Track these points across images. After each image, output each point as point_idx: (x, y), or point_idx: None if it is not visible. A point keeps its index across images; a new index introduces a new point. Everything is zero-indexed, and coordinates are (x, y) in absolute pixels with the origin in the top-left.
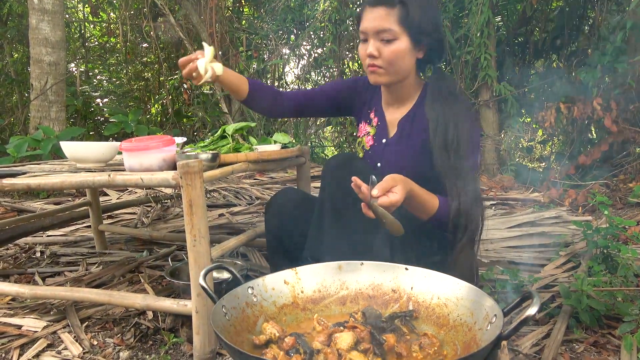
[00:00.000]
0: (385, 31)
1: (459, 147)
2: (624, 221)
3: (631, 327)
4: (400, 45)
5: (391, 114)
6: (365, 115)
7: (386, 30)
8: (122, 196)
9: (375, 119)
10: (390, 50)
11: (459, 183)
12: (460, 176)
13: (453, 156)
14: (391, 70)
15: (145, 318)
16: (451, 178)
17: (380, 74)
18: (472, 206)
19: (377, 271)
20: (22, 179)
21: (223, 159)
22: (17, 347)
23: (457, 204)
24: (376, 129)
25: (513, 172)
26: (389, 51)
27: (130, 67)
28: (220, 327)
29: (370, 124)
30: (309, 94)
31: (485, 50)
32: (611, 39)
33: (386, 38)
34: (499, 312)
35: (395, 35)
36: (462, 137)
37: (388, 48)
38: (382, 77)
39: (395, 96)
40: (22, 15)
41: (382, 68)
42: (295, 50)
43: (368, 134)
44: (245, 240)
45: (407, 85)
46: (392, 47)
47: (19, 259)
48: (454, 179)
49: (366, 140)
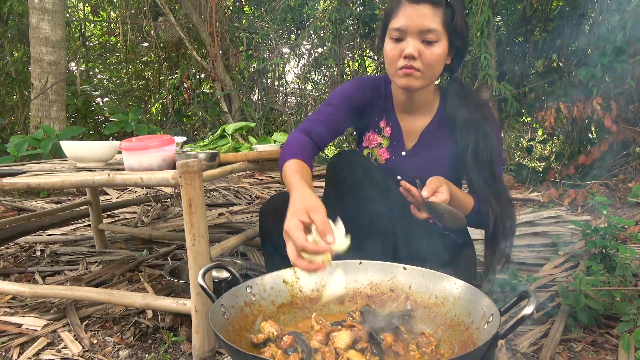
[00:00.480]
0: (430, 31)
1: (492, 158)
2: (623, 221)
3: (629, 327)
4: (440, 49)
5: (408, 123)
6: (373, 123)
7: (431, 31)
8: (122, 195)
9: (388, 128)
10: (432, 52)
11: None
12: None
13: (486, 168)
14: (428, 74)
15: (144, 317)
16: (485, 190)
17: (417, 78)
18: (507, 215)
19: (376, 270)
20: (22, 178)
21: (222, 158)
22: (17, 346)
23: (494, 216)
24: (389, 140)
25: (513, 171)
26: (431, 53)
27: (130, 67)
28: (218, 326)
29: (380, 134)
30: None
31: (486, 50)
32: (611, 39)
33: (429, 39)
34: (496, 312)
35: (439, 37)
36: (494, 148)
37: (430, 50)
38: (417, 81)
39: (416, 103)
40: (23, 15)
41: (420, 71)
42: (296, 49)
43: (380, 145)
44: (244, 240)
45: (429, 91)
46: (434, 50)
47: (19, 258)
48: (488, 190)
49: (379, 153)
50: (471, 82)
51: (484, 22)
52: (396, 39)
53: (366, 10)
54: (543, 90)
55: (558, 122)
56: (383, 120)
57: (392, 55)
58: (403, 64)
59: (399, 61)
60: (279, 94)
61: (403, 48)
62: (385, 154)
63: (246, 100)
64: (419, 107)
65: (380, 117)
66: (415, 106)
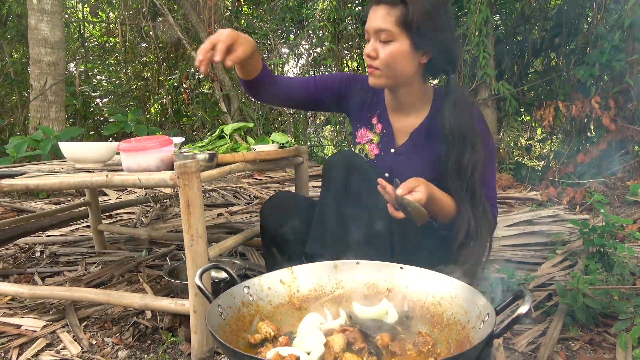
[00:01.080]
0: (382, 31)
1: (474, 172)
2: (621, 219)
3: (626, 325)
4: (397, 47)
5: (399, 121)
6: (365, 119)
7: (383, 31)
8: (122, 196)
9: (379, 125)
10: (386, 51)
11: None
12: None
13: (465, 181)
14: (388, 73)
15: (143, 317)
16: (462, 203)
17: (377, 76)
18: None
19: (373, 270)
20: (20, 179)
21: (221, 159)
22: (16, 347)
23: (466, 229)
24: (380, 137)
25: (512, 170)
26: (385, 52)
27: (129, 67)
28: (215, 327)
29: (372, 131)
30: (303, 81)
31: (484, 49)
32: (609, 38)
33: (383, 39)
34: (492, 311)
35: (392, 37)
36: (477, 162)
37: (384, 49)
38: (379, 80)
39: (401, 102)
40: (22, 16)
41: (379, 70)
42: (294, 49)
43: (371, 141)
44: (243, 240)
45: (412, 91)
46: (389, 49)
47: (18, 259)
48: (464, 204)
49: (369, 149)
50: (470, 81)
51: (482, 21)
52: (367, 40)
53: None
54: (542, 89)
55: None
56: (375, 117)
57: (364, 55)
58: (367, 63)
59: (366, 60)
60: None
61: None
62: (375, 149)
63: (245, 100)
64: (409, 107)
65: (373, 114)
66: (403, 105)
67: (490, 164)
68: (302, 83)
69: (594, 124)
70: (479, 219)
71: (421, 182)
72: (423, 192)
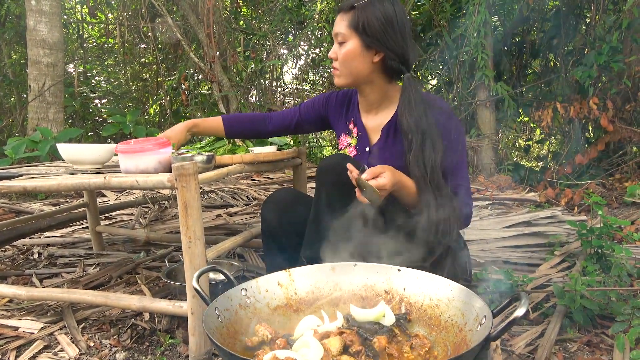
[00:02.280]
0: (337, 34)
1: (434, 167)
2: (619, 221)
3: (624, 327)
4: (349, 47)
5: (371, 120)
6: (344, 127)
7: (338, 34)
8: (120, 197)
9: (355, 129)
10: (342, 52)
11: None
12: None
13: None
14: (345, 71)
15: (141, 319)
16: (424, 192)
17: (338, 76)
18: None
19: (370, 272)
20: (18, 181)
21: (219, 160)
22: (13, 349)
23: (426, 218)
24: (357, 139)
25: (510, 171)
26: (341, 53)
27: (128, 68)
28: (212, 329)
29: (350, 135)
30: (289, 117)
31: (482, 50)
32: (607, 39)
33: (339, 41)
34: (489, 313)
35: (345, 38)
36: (438, 155)
37: (340, 50)
38: (339, 79)
39: (369, 102)
40: (20, 17)
41: (338, 70)
42: (293, 50)
43: (349, 145)
44: (241, 241)
45: (376, 90)
46: (344, 49)
47: (16, 261)
48: (426, 193)
49: (349, 152)
50: (468, 82)
51: (480, 23)
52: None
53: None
54: (540, 90)
55: (555, 122)
56: (351, 122)
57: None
58: (332, 65)
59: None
60: (276, 94)
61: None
62: (354, 151)
63: (244, 101)
64: (377, 105)
65: (349, 120)
66: (372, 104)
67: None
68: (289, 114)
69: (592, 125)
70: (443, 208)
71: (387, 169)
72: (387, 178)
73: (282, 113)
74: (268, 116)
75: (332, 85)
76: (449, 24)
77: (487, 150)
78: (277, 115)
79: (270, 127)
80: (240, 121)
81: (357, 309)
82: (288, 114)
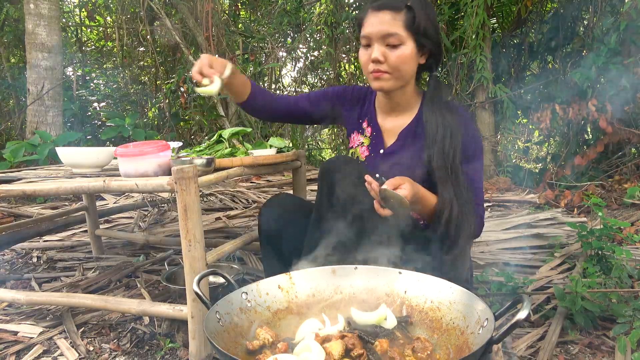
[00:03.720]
0: (391, 36)
1: (455, 159)
2: (619, 222)
3: (625, 329)
4: (405, 50)
5: (389, 122)
6: (357, 125)
7: (392, 35)
8: (119, 201)
9: (369, 128)
10: (396, 55)
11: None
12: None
13: (449, 167)
14: (396, 75)
15: (141, 323)
16: (445, 187)
17: (386, 80)
18: (464, 216)
19: (371, 275)
20: (17, 185)
21: (218, 163)
22: (13, 354)
23: (448, 213)
24: (370, 139)
25: (509, 173)
26: (395, 56)
27: (127, 71)
28: (213, 333)
29: (363, 134)
30: (298, 100)
31: (481, 52)
32: (605, 41)
33: (392, 43)
34: (491, 316)
35: (402, 40)
36: (457, 148)
37: (394, 53)
38: (387, 83)
39: (395, 104)
40: (19, 20)
41: (388, 73)
42: (292, 53)
43: (362, 144)
44: (241, 244)
45: (407, 92)
46: (398, 52)
47: (15, 265)
48: (448, 188)
49: (360, 151)
50: (467, 84)
51: (479, 25)
52: (366, 46)
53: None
54: (539, 92)
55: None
56: (365, 121)
57: (364, 61)
58: (372, 68)
59: (369, 66)
60: None
61: (371, 53)
62: (366, 152)
63: None
64: (400, 108)
65: (363, 119)
66: (396, 106)
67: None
68: (298, 99)
69: (591, 126)
70: (462, 203)
71: (406, 181)
72: (408, 190)
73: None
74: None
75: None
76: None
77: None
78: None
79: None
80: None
81: (358, 312)
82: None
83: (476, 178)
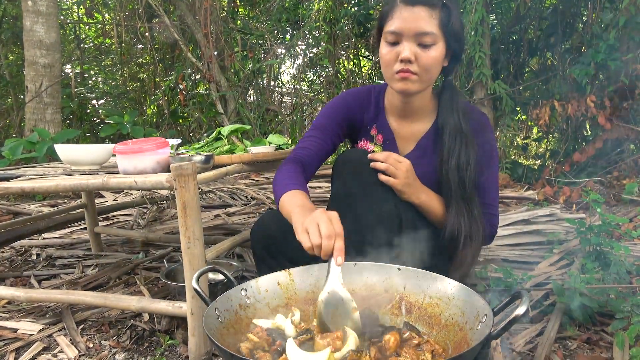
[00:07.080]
0: (426, 34)
1: (469, 172)
2: (617, 218)
3: (623, 324)
4: (437, 52)
5: (405, 128)
6: (365, 132)
7: (428, 34)
8: (118, 198)
9: (380, 136)
10: (429, 55)
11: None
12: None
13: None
14: (424, 77)
15: (141, 320)
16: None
17: (413, 81)
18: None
19: (370, 272)
20: (15, 182)
21: (217, 160)
22: (12, 351)
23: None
24: (382, 147)
25: (508, 169)
26: (427, 57)
27: (125, 68)
28: (212, 330)
29: (372, 142)
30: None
31: (480, 49)
32: (604, 37)
33: (426, 42)
34: (489, 312)
35: (435, 40)
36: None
37: (426, 53)
38: (413, 85)
39: (412, 108)
40: (17, 17)
41: (416, 75)
42: (291, 50)
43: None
44: (240, 241)
45: (426, 96)
46: (431, 53)
47: (14, 262)
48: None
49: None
50: (466, 81)
51: (478, 21)
52: (392, 42)
53: (361, 10)
54: (538, 89)
55: (553, 120)
56: (374, 128)
57: (388, 59)
58: (399, 67)
59: (395, 65)
60: (274, 94)
61: (399, 51)
62: None
63: (242, 101)
64: (417, 112)
65: (371, 125)
66: (413, 111)
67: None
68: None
69: (590, 122)
70: (472, 219)
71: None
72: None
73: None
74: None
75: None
76: None
77: None
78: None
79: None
80: (306, 179)
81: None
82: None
83: (492, 188)
